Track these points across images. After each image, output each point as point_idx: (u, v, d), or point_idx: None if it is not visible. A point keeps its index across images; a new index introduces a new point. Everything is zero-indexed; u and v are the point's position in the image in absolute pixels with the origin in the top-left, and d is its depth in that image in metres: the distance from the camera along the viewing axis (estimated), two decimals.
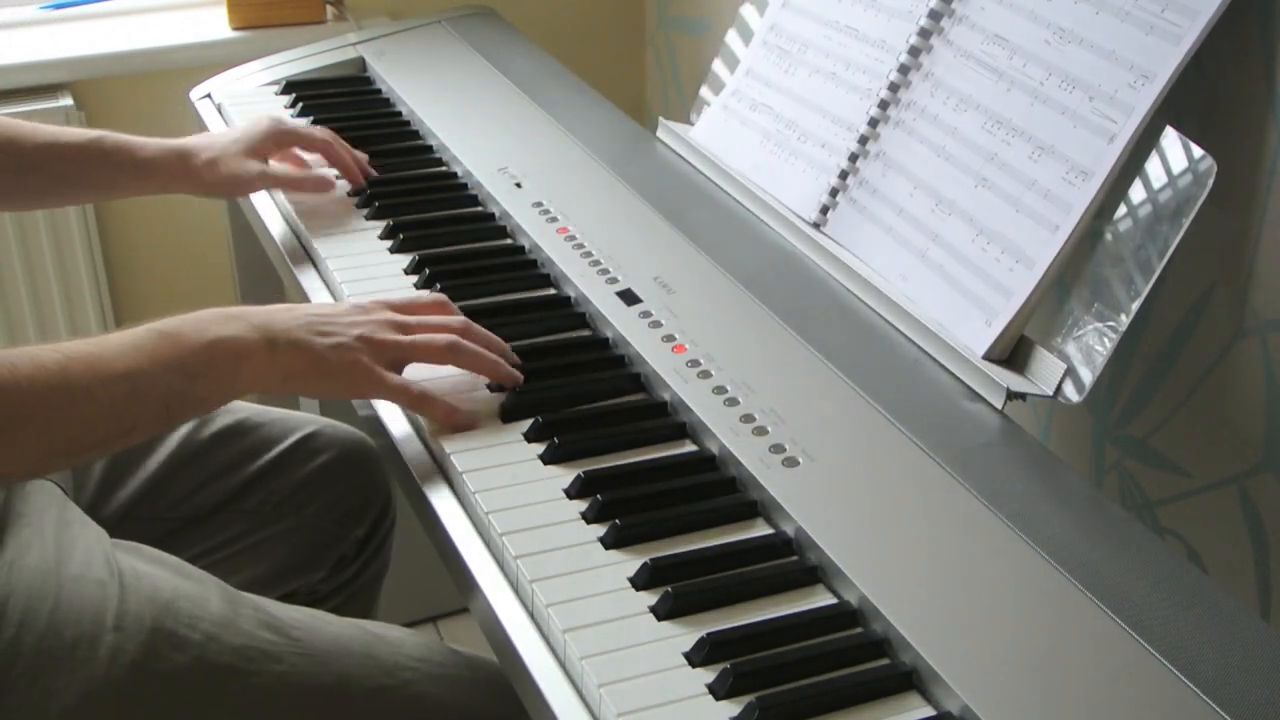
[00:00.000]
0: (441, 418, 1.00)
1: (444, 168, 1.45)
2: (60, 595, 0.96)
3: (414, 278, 1.22)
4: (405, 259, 1.24)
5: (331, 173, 1.39)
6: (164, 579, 1.01)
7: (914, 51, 1.19)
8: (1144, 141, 1.00)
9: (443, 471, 0.98)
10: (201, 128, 1.56)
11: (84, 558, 1.00)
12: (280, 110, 1.57)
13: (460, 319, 1.07)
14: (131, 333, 0.93)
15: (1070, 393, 1.01)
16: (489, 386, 1.05)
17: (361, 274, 1.22)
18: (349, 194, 1.38)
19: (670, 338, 1.08)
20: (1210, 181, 0.97)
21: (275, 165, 1.36)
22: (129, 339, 0.92)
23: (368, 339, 1.00)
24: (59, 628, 0.95)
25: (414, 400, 1.01)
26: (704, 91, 1.46)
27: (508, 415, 1.01)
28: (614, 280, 1.17)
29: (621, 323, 1.11)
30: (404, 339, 1.02)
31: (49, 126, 1.30)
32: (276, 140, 1.36)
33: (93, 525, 1.06)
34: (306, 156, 1.40)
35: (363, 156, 1.40)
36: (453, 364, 1.03)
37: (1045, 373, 1.02)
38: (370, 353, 1.00)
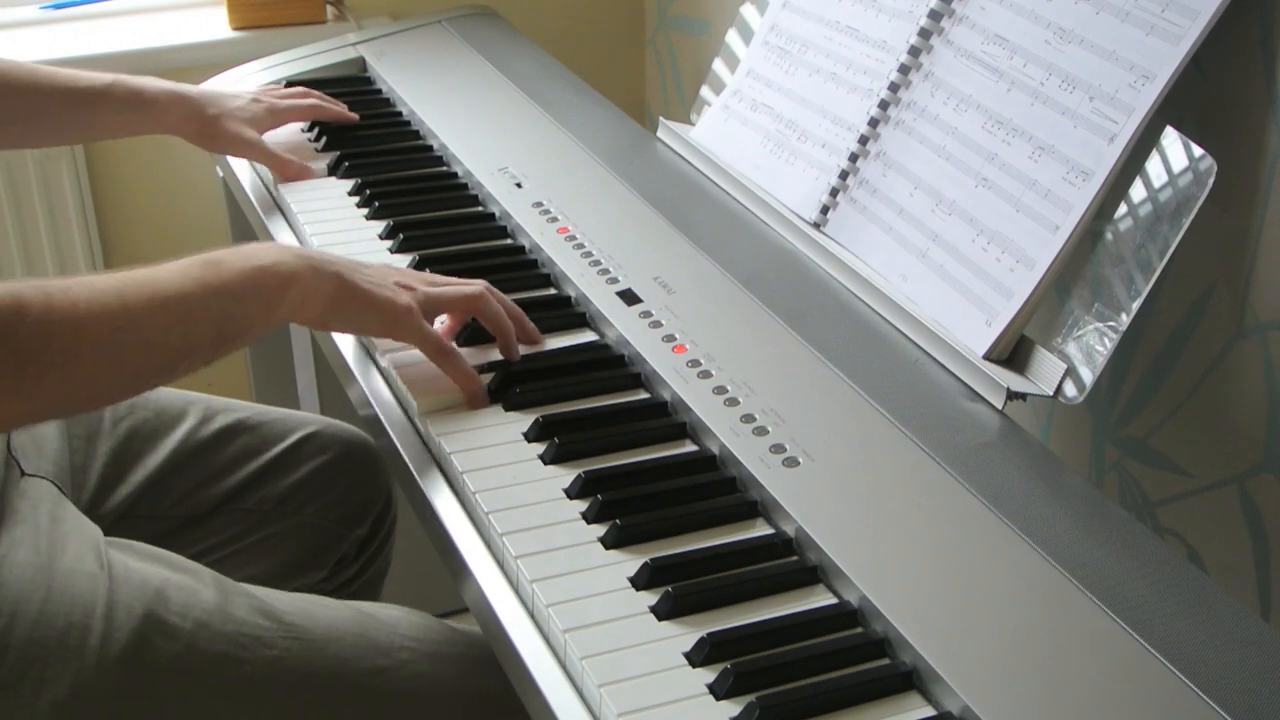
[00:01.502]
0: (461, 380, 1.03)
1: (444, 168, 1.45)
2: (51, 587, 0.97)
3: None
4: (406, 259, 1.24)
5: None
6: (155, 572, 1.01)
7: (914, 51, 1.19)
8: (1144, 141, 1.00)
9: (443, 471, 0.98)
10: None
11: (76, 552, 1.00)
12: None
13: (482, 281, 1.11)
14: (180, 261, 0.95)
15: (1070, 393, 1.01)
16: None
17: None
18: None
19: (670, 338, 1.08)
20: (1210, 181, 0.97)
21: (270, 141, 1.43)
22: (177, 266, 0.94)
23: (404, 285, 1.05)
24: (50, 619, 0.95)
25: (440, 351, 1.04)
26: (704, 91, 1.46)
27: (509, 408, 1.02)
28: (614, 280, 1.17)
29: (621, 323, 1.11)
30: (434, 290, 1.07)
31: (64, 71, 1.34)
32: (275, 119, 1.45)
33: (86, 522, 1.06)
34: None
35: (341, 106, 1.52)
36: (475, 314, 1.07)
37: (1045, 373, 1.02)
38: (408, 296, 1.04)
